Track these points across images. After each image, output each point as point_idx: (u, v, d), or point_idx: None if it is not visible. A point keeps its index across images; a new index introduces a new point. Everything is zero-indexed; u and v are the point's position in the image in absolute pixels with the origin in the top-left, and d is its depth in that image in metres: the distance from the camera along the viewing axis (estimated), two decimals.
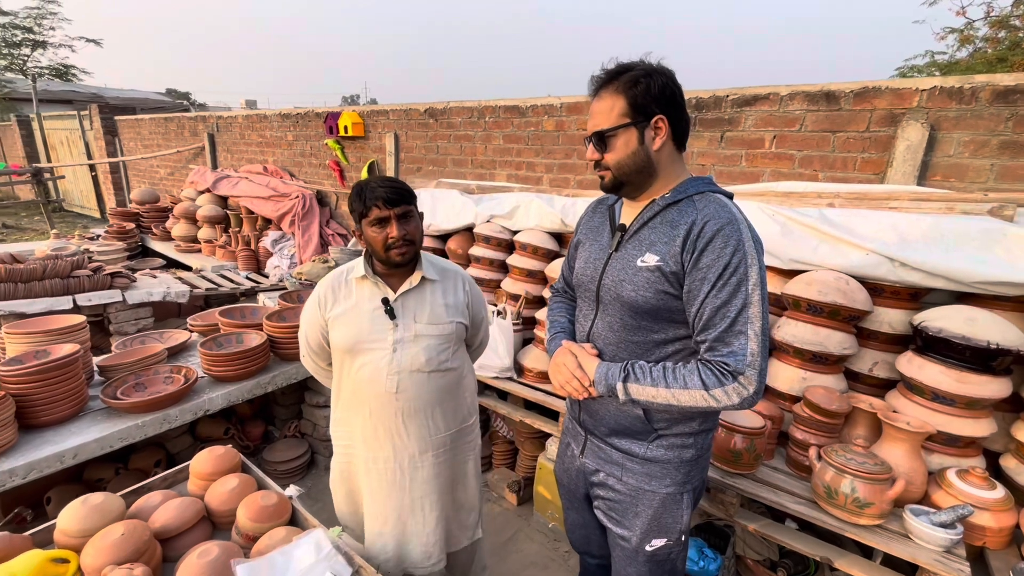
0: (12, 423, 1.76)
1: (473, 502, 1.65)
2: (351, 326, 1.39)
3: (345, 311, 1.41)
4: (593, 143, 1.11)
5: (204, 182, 5.21)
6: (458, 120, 3.44)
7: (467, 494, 1.62)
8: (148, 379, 2.17)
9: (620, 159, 1.09)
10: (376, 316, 1.39)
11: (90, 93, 16.32)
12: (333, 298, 1.43)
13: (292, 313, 2.61)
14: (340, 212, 4.50)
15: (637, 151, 1.08)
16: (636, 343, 1.16)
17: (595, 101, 1.10)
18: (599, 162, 1.12)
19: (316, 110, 4.47)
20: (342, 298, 1.42)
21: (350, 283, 1.43)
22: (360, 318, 1.39)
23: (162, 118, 6.65)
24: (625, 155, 1.08)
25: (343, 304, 1.42)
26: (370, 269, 1.41)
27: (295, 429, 2.72)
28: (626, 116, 1.05)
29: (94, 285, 3.26)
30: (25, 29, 16.15)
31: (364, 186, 1.34)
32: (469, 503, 1.63)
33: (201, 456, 1.68)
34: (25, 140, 11.28)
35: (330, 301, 1.43)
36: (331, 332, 1.43)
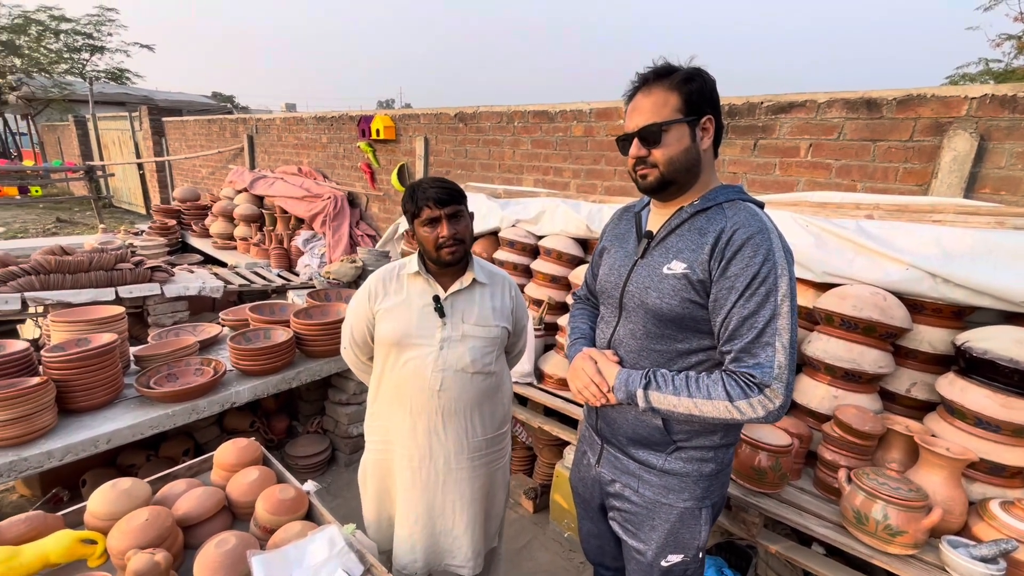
0: (52, 407, 1.84)
1: (499, 510, 1.65)
2: (400, 320, 1.42)
3: (395, 305, 1.44)
4: (639, 139, 1.06)
5: (242, 182, 5.39)
6: (487, 125, 3.46)
7: (495, 502, 1.63)
8: (180, 370, 2.25)
9: (672, 155, 1.04)
10: (425, 313, 1.41)
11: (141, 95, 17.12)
12: (383, 291, 1.46)
13: (319, 311, 2.66)
14: (370, 213, 4.58)
15: (689, 148, 1.05)
16: (659, 352, 1.13)
17: (642, 97, 1.06)
18: (644, 160, 1.07)
19: (350, 113, 4.57)
20: (392, 292, 1.45)
21: (402, 278, 1.46)
22: (410, 313, 1.42)
23: (205, 120, 6.92)
24: (678, 151, 1.04)
25: (393, 298, 1.44)
26: (423, 267, 1.44)
27: (317, 425, 2.77)
28: (680, 112, 1.03)
29: (135, 278, 3.41)
30: (85, 35, 17.11)
31: (416, 187, 1.37)
32: (496, 511, 1.64)
33: (225, 447, 1.72)
34: (81, 139, 11.92)
35: (380, 294, 1.46)
36: (378, 325, 1.45)
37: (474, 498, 1.53)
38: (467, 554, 1.54)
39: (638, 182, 1.12)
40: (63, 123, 13.60)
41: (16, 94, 15.89)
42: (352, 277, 3.30)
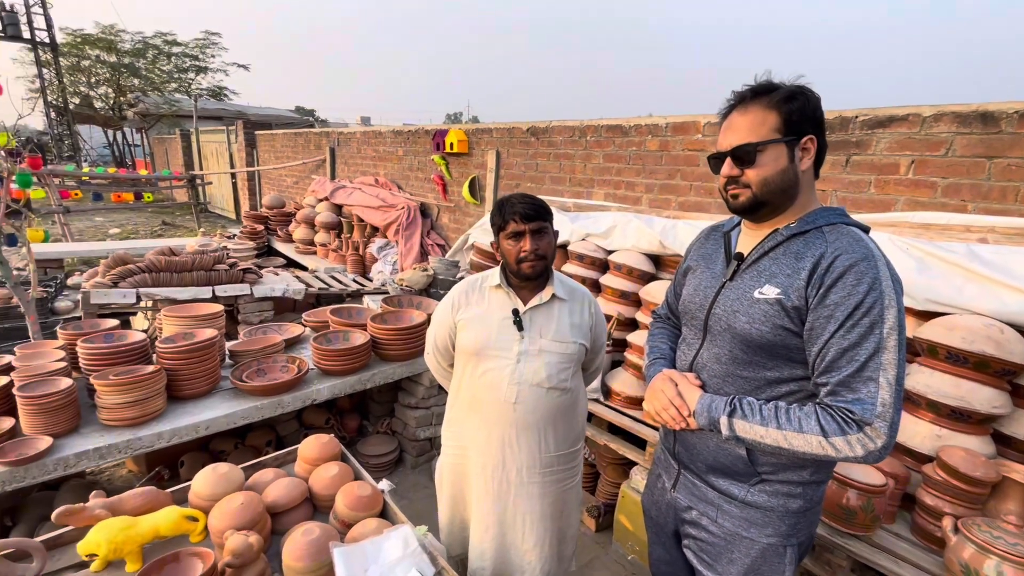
0: (163, 393, 2.04)
1: (573, 532, 1.65)
2: (479, 331, 1.47)
3: (476, 316, 1.49)
4: (732, 158, 1.03)
5: (323, 191, 5.74)
6: (559, 139, 3.49)
7: (569, 522, 1.63)
8: (268, 366, 2.42)
9: (767, 176, 1.01)
10: (504, 325, 1.45)
11: (236, 110, 18.72)
12: (466, 302, 1.52)
13: (393, 317, 2.78)
14: (440, 223, 4.74)
15: (786, 169, 1.01)
16: (745, 379, 1.09)
17: (737, 115, 1.04)
18: (736, 179, 1.04)
19: (426, 128, 4.76)
20: (474, 303, 1.51)
21: (484, 290, 1.52)
22: (489, 325, 1.46)
23: (293, 133, 7.46)
24: (773, 172, 1.01)
25: (475, 309, 1.50)
26: (504, 280, 1.48)
27: (387, 426, 2.88)
28: (778, 132, 0.99)
29: (230, 279, 3.71)
30: (192, 57, 18.99)
31: (505, 201, 1.43)
32: (570, 532, 1.64)
33: (308, 442, 1.83)
34: (184, 151, 13.19)
35: (462, 304, 1.52)
36: (459, 334, 1.51)
37: (544, 514, 1.53)
38: (536, 573, 1.54)
39: (728, 201, 1.09)
40: (170, 136, 15.14)
41: (134, 111, 17.88)
42: (423, 284, 3.42)
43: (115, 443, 1.88)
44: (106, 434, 1.90)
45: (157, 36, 18.25)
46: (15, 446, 1.75)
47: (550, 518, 1.55)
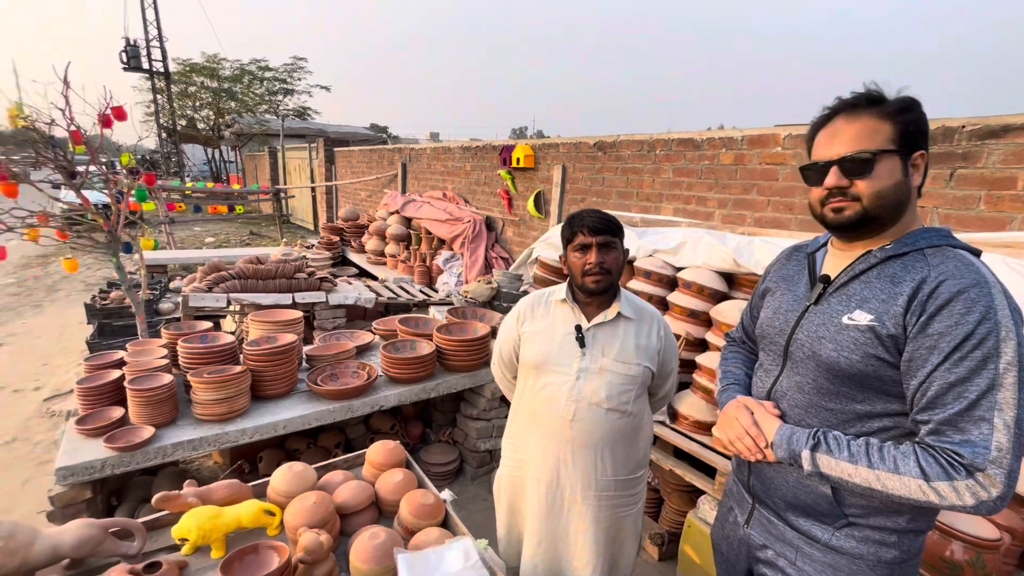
0: (247, 393, 2.20)
1: (627, 561, 1.59)
2: (542, 344, 1.48)
3: (539, 330, 1.50)
4: (840, 167, 0.95)
5: (394, 204, 6.00)
6: (627, 153, 3.44)
7: (623, 551, 1.57)
8: (340, 371, 2.55)
9: (882, 188, 0.92)
10: (567, 341, 1.45)
11: (317, 128, 20.08)
12: (531, 315, 1.53)
13: (458, 328, 2.84)
14: (505, 237, 4.80)
15: (901, 183, 0.93)
16: (832, 411, 1.01)
17: (844, 123, 0.96)
18: (844, 191, 0.95)
19: (493, 143, 4.87)
20: (539, 317, 1.52)
21: (549, 304, 1.53)
22: (552, 339, 1.47)
23: (368, 150, 7.88)
24: (888, 185, 0.92)
25: (539, 323, 1.51)
26: (570, 295, 1.48)
27: (449, 436, 2.93)
28: (893, 143, 0.92)
29: (308, 286, 3.95)
30: (281, 81, 20.63)
31: (576, 215, 1.43)
32: (624, 561, 1.58)
33: (376, 447, 1.89)
34: (271, 167, 14.29)
35: (527, 317, 1.54)
36: (522, 347, 1.53)
37: (598, 539, 1.49)
38: None
39: (826, 217, 1.00)
40: (260, 153, 16.49)
41: (230, 131, 19.66)
42: (487, 297, 3.47)
43: (206, 436, 2.04)
44: (199, 427, 2.07)
45: (252, 63, 20.02)
46: (124, 433, 1.95)
47: (603, 543, 1.50)
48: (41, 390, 3.81)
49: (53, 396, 3.68)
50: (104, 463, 1.86)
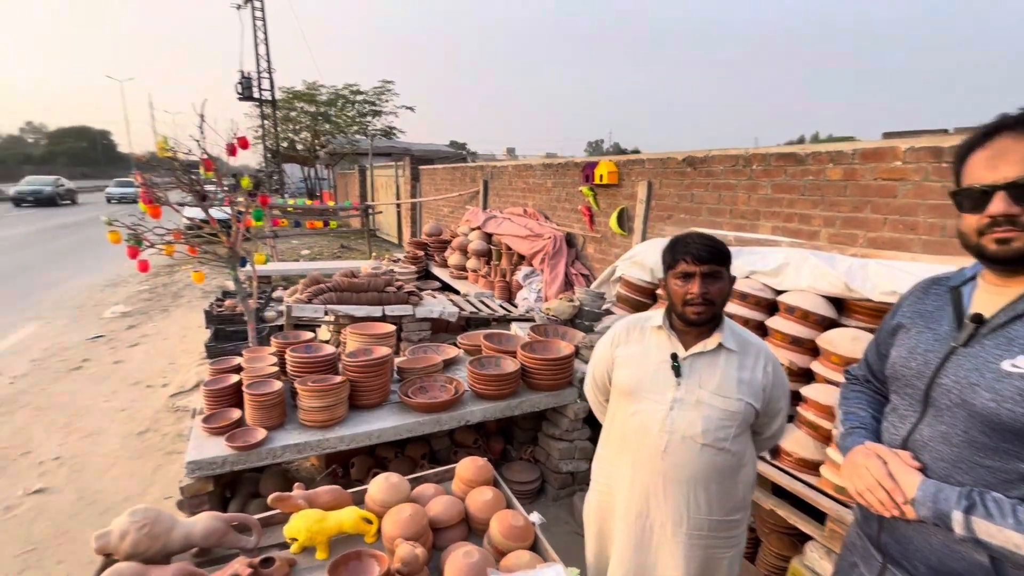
0: (346, 402, 2.33)
1: None
2: (635, 370, 1.44)
3: (633, 355, 1.47)
4: (1009, 193, 0.84)
5: (476, 220, 6.17)
6: (719, 168, 3.30)
7: None
8: (429, 384, 2.63)
9: None
10: (661, 368, 1.40)
11: (402, 147, 21.16)
12: (626, 339, 1.51)
13: (541, 346, 2.84)
14: (585, 253, 4.77)
15: None
16: (989, 468, 0.89)
17: (1011, 142, 0.86)
18: (1014, 220, 0.85)
19: (575, 160, 4.87)
20: (634, 341, 1.49)
21: (645, 329, 1.49)
22: (645, 365, 1.43)
23: (451, 167, 8.19)
24: None
25: (634, 347, 1.48)
26: (667, 321, 1.44)
27: (530, 454, 2.93)
28: None
29: (397, 300, 4.15)
30: (371, 103, 22.05)
31: (679, 239, 1.38)
32: None
33: (466, 463, 1.93)
34: (360, 184, 15.27)
35: (622, 341, 1.51)
36: (615, 371, 1.50)
37: None
38: None
39: (985, 248, 0.90)
40: (350, 171, 17.71)
41: (324, 150, 21.30)
42: (569, 315, 3.45)
43: (309, 441, 2.19)
44: (303, 433, 2.22)
45: (345, 87, 21.58)
46: (241, 434, 2.14)
47: None
48: (168, 386, 4.29)
49: (178, 392, 4.13)
50: (225, 460, 2.04)
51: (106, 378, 4.53)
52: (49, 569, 2.37)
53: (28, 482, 3.00)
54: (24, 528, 2.62)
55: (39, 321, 6.22)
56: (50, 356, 5.04)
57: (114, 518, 2.73)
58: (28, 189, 22.73)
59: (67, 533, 2.59)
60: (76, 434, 3.55)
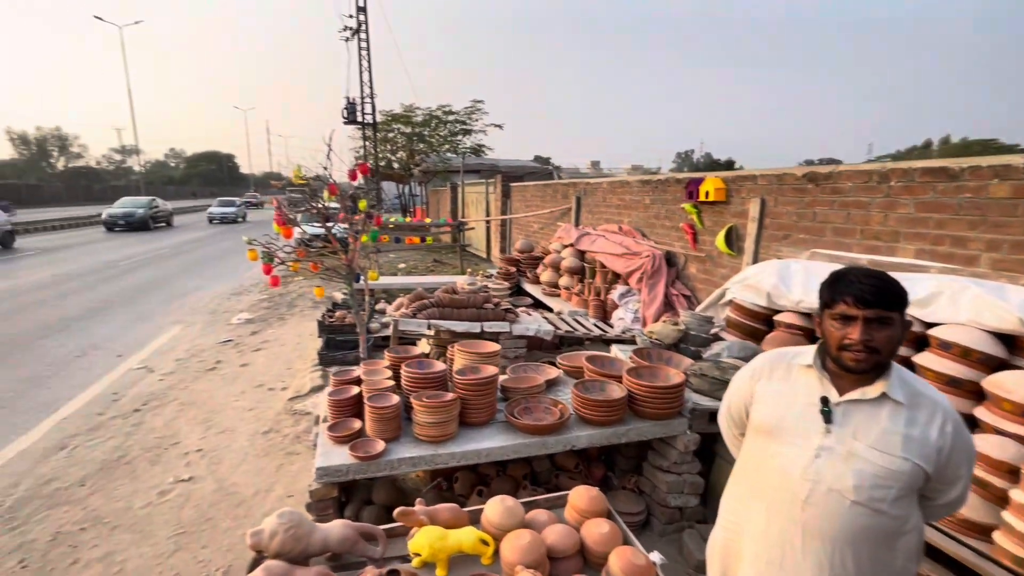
0: (457, 419, 2.39)
1: None
2: (777, 409, 1.34)
3: (776, 392, 1.37)
4: None
5: (569, 238, 6.16)
6: (848, 185, 3.03)
7: None
8: (533, 405, 2.63)
9: None
10: (808, 412, 1.29)
11: (489, 163, 21.82)
12: (768, 374, 1.41)
13: (648, 372, 2.74)
14: (687, 273, 4.57)
15: None
16: None
17: None
18: None
19: (676, 176, 4.71)
20: (777, 378, 1.39)
21: (792, 367, 1.38)
22: (790, 406, 1.33)
23: (543, 184, 8.28)
24: None
25: (777, 384, 1.38)
26: (819, 361, 1.32)
27: (634, 484, 2.82)
28: None
29: (495, 316, 4.23)
30: (462, 123, 23.00)
31: (841, 275, 1.25)
32: None
33: (579, 492, 1.90)
34: (452, 201, 15.90)
35: (764, 376, 1.42)
36: (754, 406, 1.41)
37: None
38: None
39: None
40: (442, 188, 18.52)
41: (418, 169, 22.50)
42: (674, 339, 3.31)
43: (423, 455, 2.27)
44: (417, 447, 2.31)
45: (439, 108, 22.71)
46: (362, 444, 2.26)
47: None
48: (287, 390, 4.69)
49: (295, 396, 4.50)
50: (348, 468, 2.17)
51: (235, 379, 5.04)
52: (196, 552, 2.65)
53: (177, 471, 3.40)
54: (175, 512, 2.97)
55: (180, 324, 7.10)
56: (191, 357, 5.72)
57: (246, 510, 3.00)
58: (120, 212, 20.04)
59: (209, 520, 2.89)
60: (213, 429, 3.97)
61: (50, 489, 3.19)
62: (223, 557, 2.61)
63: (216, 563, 2.57)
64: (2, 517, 2.91)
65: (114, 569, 2.53)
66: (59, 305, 8.02)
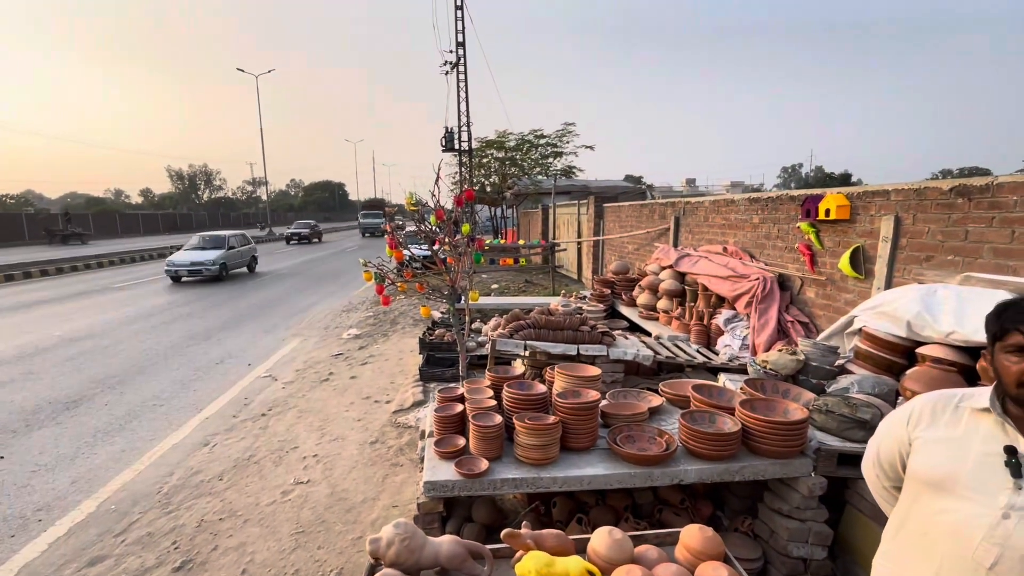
0: (558, 443, 2.37)
1: None
2: (946, 460, 1.18)
3: (943, 439, 1.21)
4: None
5: (667, 259, 5.94)
6: (1011, 199, 2.62)
7: None
8: (637, 434, 2.54)
9: None
10: (988, 463, 1.13)
11: (580, 185, 21.82)
12: (931, 419, 1.25)
13: (763, 405, 2.53)
14: (803, 298, 4.20)
15: None
16: None
17: None
18: None
19: (790, 194, 4.39)
20: (943, 424, 1.23)
21: (961, 410, 1.22)
22: (963, 456, 1.16)
23: (639, 205, 8.10)
24: None
25: (943, 431, 1.22)
26: (998, 405, 1.16)
27: (748, 527, 2.60)
28: None
29: (591, 339, 4.17)
30: (553, 145, 23.34)
31: (1012, 303, 1.13)
32: None
33: (691, 532, 1.78)
34: (543, 222, 16.10)
35: (924, 421, 1.26)
36: (914, 456, 1.25)
37: None
38: None
39: None
40: (533, 210, 18.84)
41: (511, 191, 23.13)
42: (792, 370, 3.03)
43: (525, 477, 2.27)
44: (519, 468, 2.31)
45: (531, 133, 23.27)
46: (466, 462, 2.32)
47: None
48: (391, 403, 4.96)
49: (399, 410, 4.74)
50: (454, 485, 2.23)
51: (345, 390, 5.43)
52: (312, 551, 2.86)
53: (297, 473, 3.71)
54: (295, 512, 3.23)
55: (298, 338, 7.82)
56: (308, 368, 6.27)
57: (355, 516, 3.17)
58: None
59: (324, 522, 3.11)
60: (327, 436, 4.30)
61: (196, 480, 3.62)
62: (337, 559, 2.78)
63: (331, 564, 2.75)
64: (160, 502, 3.35)
65: (246, 559, 2.80)
66: (204, 317, 9.22)
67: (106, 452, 4.07)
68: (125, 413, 4.85)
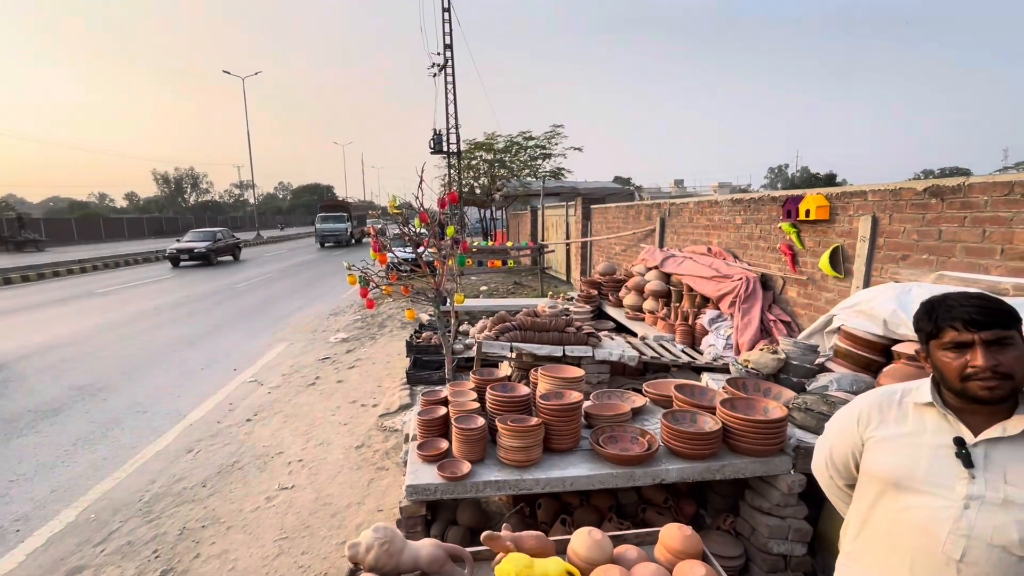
0: (541, 444, 2.38)
1: None
2: (901, 457, 1.20)
3: (894, 436, 1.23)
4: None
5: (653, 260, 5.99)
6: (982, 199, 2.68)
7: None
8: (619, 434, 2.55)
9: None
10: (941, 456, 1.15)
11: (570, 186, 21.89)
12: (878, 418, 1.28)
13: (744, 404, 2.56)
14: (785, 297, 4.25)
15: None
16: None
17: None
18: None
19: (772, 194, 4.44)
20: (891, 421, 1.26)
21: (905, 407, 1.25)
22: (917, 451, 1.19)
23: (625, 206, 8.15)
24: None
25: (892, 428, 1.25)
26: (939, 398, 1.19)
27: (730, 525, 2.62)
28: None
29: (577, 340, 4.19)
30: (542, 147, 23.40)
31: (937, 302, 1.16)
32: None
33: (671, 531, 1.80)
34: (532, 224, 16.13)
35: (874, 421, 1.29)
36: (867, 456, 1.28)
37: None
38: None
39: None
40: (522, 212, 18.87)
41: (499, 194, 23.13)
42: (773, 369, 3.07)
43: (507, 479, 2.27)
44: (502, 471, 2.32)
45: (519, 135, 23.31)
46: (449, 465, 2.31)
47: None
48: (377, 407, 4.94)
49: (385, 413, 4.72)
50: (436, 488, 2.23)
51: (332, 394, 5.40)
52: (296, 557, 2.84)
53: (281, 478, 3.68)
54: (279, 517, 3.20)
55: (284, 342, 7.75)
56: (294, 372, 6.22)
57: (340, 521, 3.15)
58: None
59: (308, 527, 3.09)
60: (313, 441, 4.27)
61: (179, 487, 3.58)
62: (321, 564, 2.77)
63: (315, 569, 2.73)
64: (141, 510, 3.31)
65: (228, 566, 2.77)
66: (189, 322, 9.11)
67: (87, 460, 4.01)
68: (107, 420, 4.78)
